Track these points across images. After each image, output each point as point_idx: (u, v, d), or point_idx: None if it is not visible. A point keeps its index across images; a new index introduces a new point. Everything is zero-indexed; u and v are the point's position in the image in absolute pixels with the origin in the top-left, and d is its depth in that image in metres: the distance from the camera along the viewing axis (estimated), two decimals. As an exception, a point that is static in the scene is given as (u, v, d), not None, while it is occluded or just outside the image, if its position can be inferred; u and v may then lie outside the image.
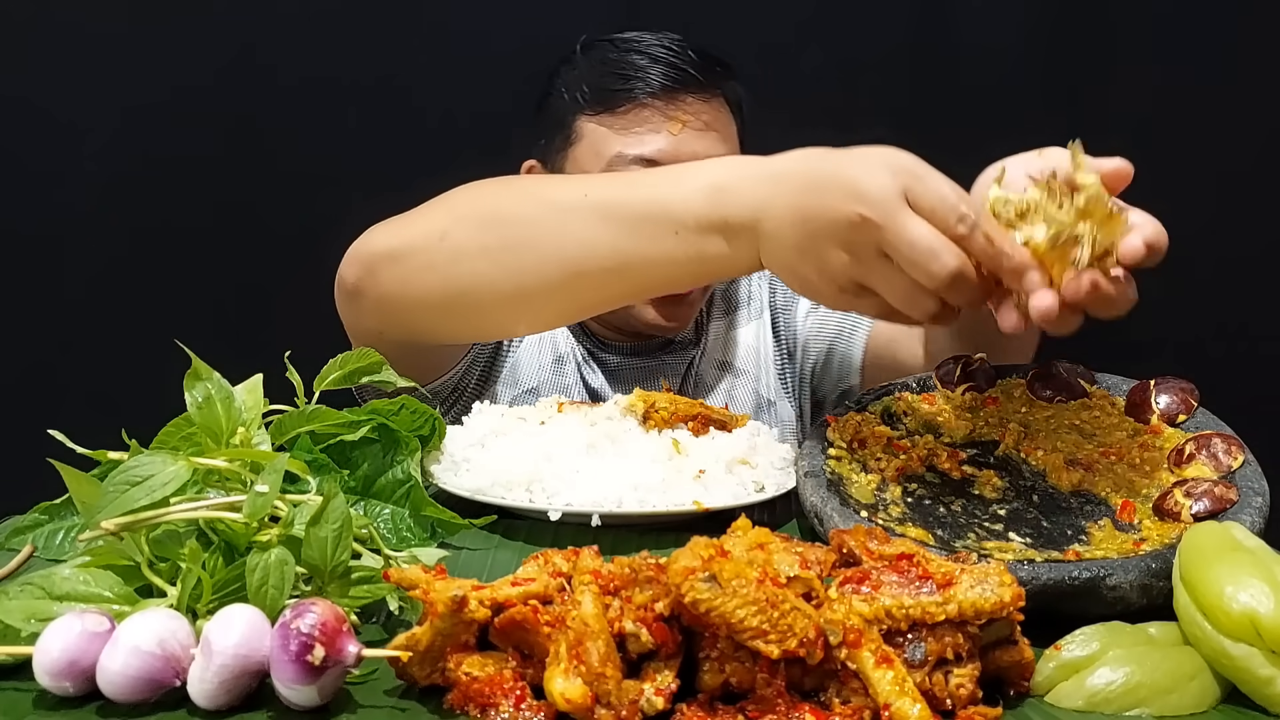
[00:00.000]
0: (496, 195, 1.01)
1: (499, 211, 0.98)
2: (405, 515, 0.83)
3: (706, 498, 0.87)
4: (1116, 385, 0.96)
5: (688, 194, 0.88)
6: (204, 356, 0.80)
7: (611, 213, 0.92)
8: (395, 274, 1.01)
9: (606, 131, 1.24)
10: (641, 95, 1.23)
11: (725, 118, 1.28)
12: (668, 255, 0.89)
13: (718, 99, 1.26)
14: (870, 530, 0.65)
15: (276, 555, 0.63)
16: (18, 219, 1.73)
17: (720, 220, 0.86)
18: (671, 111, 1.23)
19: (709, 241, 0.88)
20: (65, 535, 0.77)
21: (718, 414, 1.01)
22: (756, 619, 0.55)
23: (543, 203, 0.97)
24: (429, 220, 1.01)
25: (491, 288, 0.97)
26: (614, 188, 0.95)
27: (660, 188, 0.91)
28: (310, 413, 0.83)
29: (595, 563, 0.62)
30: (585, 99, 1.25)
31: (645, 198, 0.91)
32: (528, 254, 0.94)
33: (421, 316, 1.03)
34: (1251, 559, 0.62)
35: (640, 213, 0.91)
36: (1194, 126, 1.76)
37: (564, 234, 0.93)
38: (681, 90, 1.23)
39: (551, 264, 0.94)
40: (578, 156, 1.26)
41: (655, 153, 1.21)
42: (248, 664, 0.58)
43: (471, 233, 0.98)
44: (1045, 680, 0.62)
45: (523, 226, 0.96)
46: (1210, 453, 0.83)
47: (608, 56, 1.26)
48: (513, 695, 0.58)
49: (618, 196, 0.93)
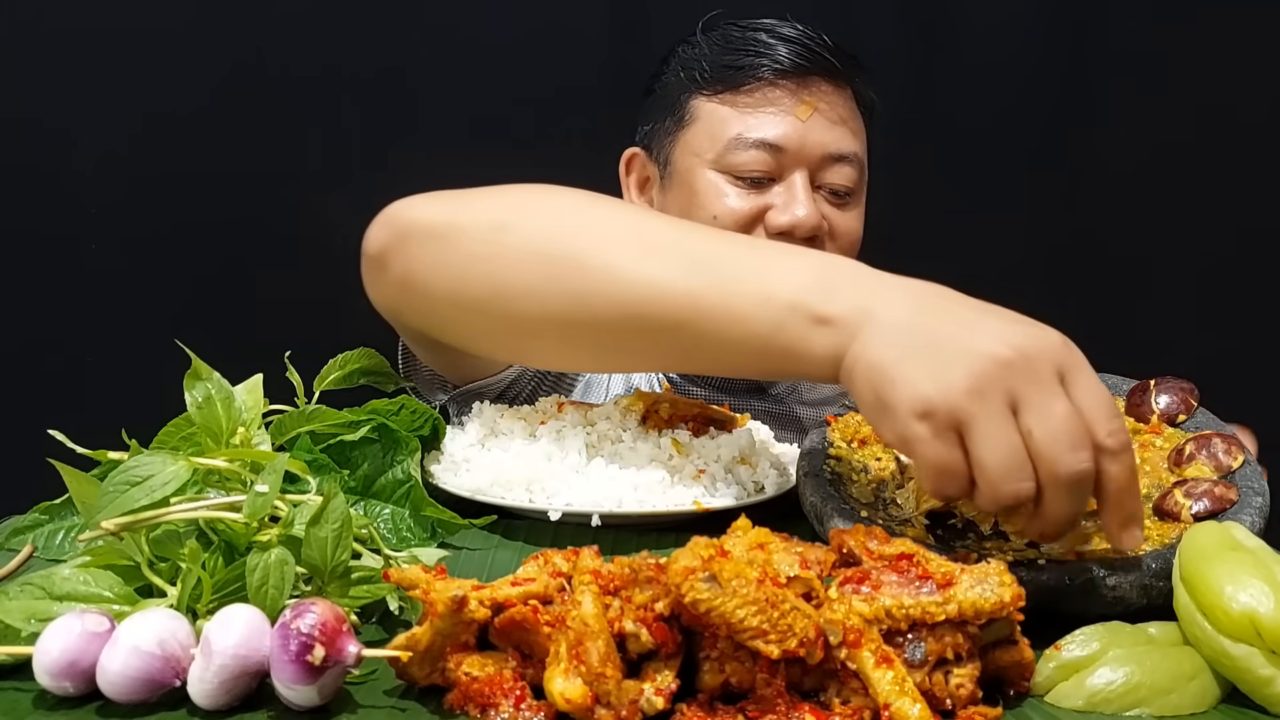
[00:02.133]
0: (575, 205, 0.87)
1: (575, 223, 0.85)
2: (405, 515, 0.83)
3: (706, 498, 0.87)
4: (1116, 385, 0.96)
5: (794, 265, 0.76)
6: (204, 356, 0.80)
7: (702, 259, 0.79)
8: (430, 252, 0.88)
9: (728, 111, 1.17)
10: (769, 74, 1.15)
11: (858, 116, 1.21)
12: (744, 323, 0.75)
13: (848, 93, 1.20)
14: (870, 530, 0.65)
15: (276, 555, 0.63)
16: (17, 219, 1.73)
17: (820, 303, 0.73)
18: (803, 94, 1.15)
19: (796, 319, 0.73)
20: (65, 535, 0.77)
21: (718, 414, 1.01)
22: (756, 619, 0.55)
23: (627, 226, 0.84)
24: (485, 208, 0.88)
25: (539, 304, 0.82)
26: (712, 236, 0.83)
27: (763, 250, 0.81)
28: (310, 413, 0.83)
29: (595, 563, 0.62)
30: (704, 77, 1.18)
31: (745, 251, 0.79)
32: (594, 279, 0.80)
33: (445, 309, 0.90)
34: (1251, 559, 0.62)
35: (734, 270, 0.77)
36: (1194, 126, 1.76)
37: (641, 269, 0.79)
38: (814, 73, 1.15)
39: (616, 297, 0.79)
40: (690, 140, 1.19)
41: (779, 137, 1.14)
42: (248, 664, 0.57)
43: (535, 235, 0.84)
44: (1045, 680, 0.62)
45: (598, 246, 0.82)
46: (1210, 453, 0.83)
47: (731, 35, 1.19)
48: (513, 695, 0.58)
49: (715, 246, 0.80)
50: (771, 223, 1.16)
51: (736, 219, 1.16)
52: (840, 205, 1.20)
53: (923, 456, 0.67)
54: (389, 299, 0.96)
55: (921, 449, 0.66)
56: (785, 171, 1.17)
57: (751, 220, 1.17)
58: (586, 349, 0.86)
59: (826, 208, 1.18)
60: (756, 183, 1.17)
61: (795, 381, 1.33)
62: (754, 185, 1.17)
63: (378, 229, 0.93)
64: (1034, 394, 0.65)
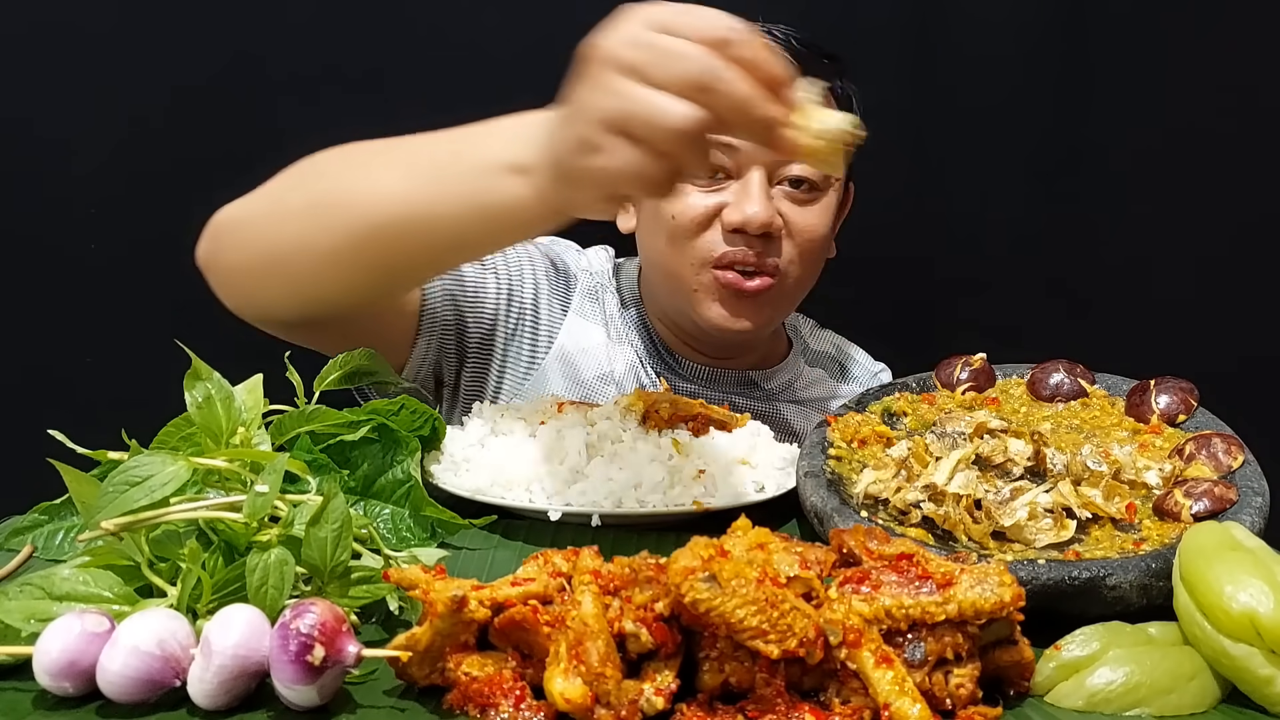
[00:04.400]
0: (325, 157, 0.97)
1: (320, 170, 0.96)
2: (405, 515, 0.83)
3: (706, 498, 0.87)
4: (1116, 385, 0.96)
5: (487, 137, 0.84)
6: (204, 356, 0.80)
7: (409, 160, 0.90)
8: (233, 242, 0.99)
9: None
10: None
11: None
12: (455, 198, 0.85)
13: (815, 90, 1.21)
14: (870, 530, 0.65)
15: (276, 555, 0.63)
16: (17, 219, 1.73)
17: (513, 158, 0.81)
18: None
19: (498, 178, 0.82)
20: (65, 535, 0.77)
21: (718, 414, 1.01)
22: (756, 619, 0.55)
23: (356, 158, 0.95)
24: (267, 187, 0.99)
25: (309, 248, 0.93)
26: (422, 139, 0.91)
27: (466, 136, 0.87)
28: (310, 413, 0.83)
29: (595, 563, 0.62)
30: None
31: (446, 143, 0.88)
32: (337, 209, 0.92)
33: (253, 284, 1.00)
34: (1251, 559, 0.62)
35: (435, 156, 0.88)
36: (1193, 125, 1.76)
37: (366, 185, 0.91)
38: None
39: (356, 218, 0.91)
40: None
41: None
42: (247, 664, 0.58)
43: (294, 192, 0.96)
44: (1045, 680, 0.62)
45: (334, 181, 0.94)
46: (1210, 453, 0.83)
47: None
48: (512, 695, 0.58)
49: (421, 145, 0.90)
50: (725, 220, 1.16)
51: (693, 217, 1.17)
52: (801, 201, 1.19)
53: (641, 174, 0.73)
54: (228, 299, 1.03)
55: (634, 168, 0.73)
56: (742, 168, 1.16)
57: (708, 218, 1.17)
58: (349, 274, 0.95)
59: (786, 204, 1.18)
60: (713, 180, 1.17)
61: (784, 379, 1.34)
62: (711, 183, 1.17)
63: (201, 243, 1.02)
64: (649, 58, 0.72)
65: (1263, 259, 1.79)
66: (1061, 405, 0.95)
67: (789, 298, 1.25)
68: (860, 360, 1.45)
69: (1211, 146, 1.76)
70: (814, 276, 1.25)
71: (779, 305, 1.24)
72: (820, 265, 1.25)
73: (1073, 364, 0.97)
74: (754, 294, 1.18)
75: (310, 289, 0.98)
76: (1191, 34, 1.75)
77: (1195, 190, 1.77)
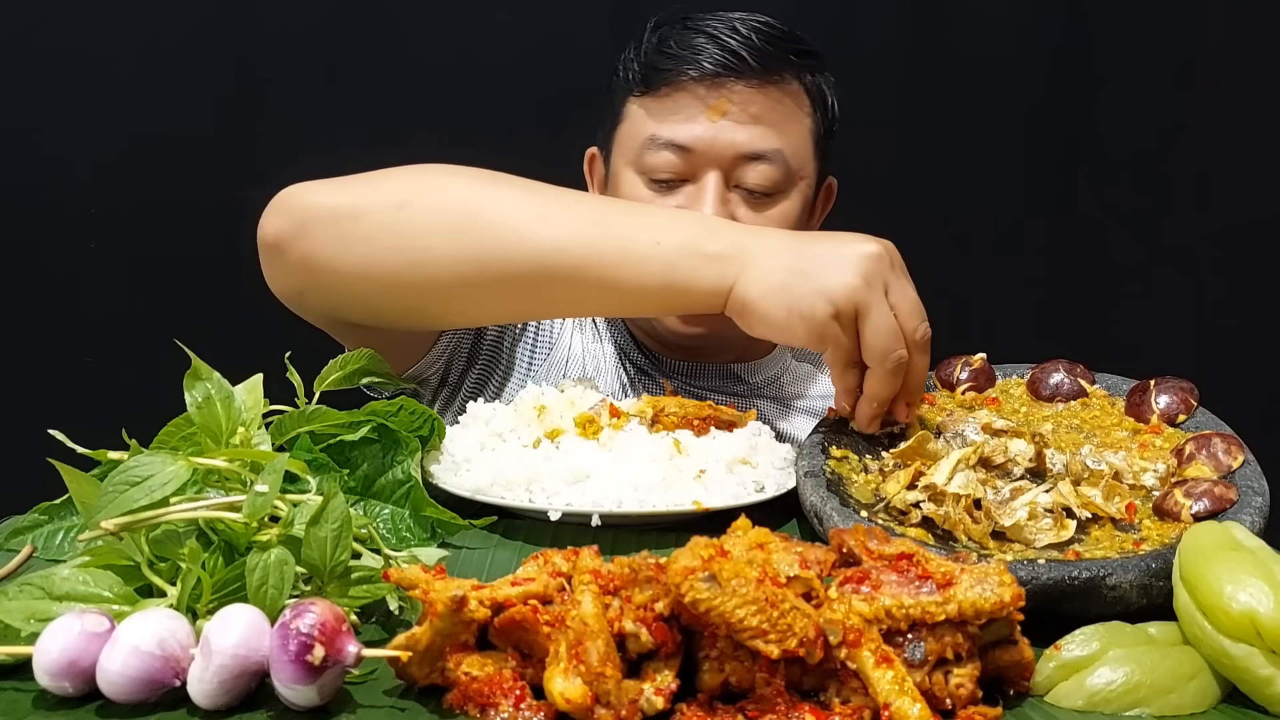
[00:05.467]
0: (470, 177, 0.97)
1: (472, 193, 0.96)
2: (405, 515, 0.83)
3: (706, 498, 0.87)
4: (1116, 385, 0.96)
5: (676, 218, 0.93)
6: (204, 356, 0.80)
7: (594, 215, 0.94)
8: (332, 234, 0.96)
9: (645, 113, 1.16)
10: (682, 78, 1.14)
11: (786, 111, 1.17)
12: (641, 263, 0.91)
13: (778, 89, 1.16)
14: (870, 530, 0.65)
15: (276, 555, 0.63)
16: (16, 219, 1.73)
17: (705, 243, 0.90)
18: (712, 98, 1.14)
19: (686, 258, 0.90)
20: (65, 535, 0.77)
21: (727, 414, 1.00)
22: (756, 619, 0.55)
23: (524, 194, 0.95)
24: (383, 187, 0.97)
25: (448, 268, 0.93)
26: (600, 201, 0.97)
27: (648, 209, 0.94)
28: (310, 413, 0.83)
29: (595, 563, 0.62)
30: (634, 78, 1.19)
31: (634, 210, 0.93)
32: (499, 240, 0.93)
33: (354, 287, 0.97)
34: (1251, 559, 0.62)
35: (626, 221, 0.93)
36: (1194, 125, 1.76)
37: (541, 226, 0.93)
38: (729, 76, 1.13)
39: (522, 255, 0.92)
40: (619, 141, 1.20)
41: (690, 139, 1.13)
42: (247, 664, 0.58)
43: (437, 207, 0.95)
44: (1045, 680, 0.62)
45: (497, 211, 0.94)
46: (1210, 453, 0.83)
47: (667, 35, 1.19)
48: (512, 695, 0.58)
49: (604, 203, 0.95)
50: None
51: None
52: (759, 206, 1.16)
53: (837, 344, 0.87)
54: (290, 283, 1.01)
55: (835, 338, 0.87)
56: (698, 173, 1.14)
57: None
58: (499, 303, 0.98)
59: (743, 210, 1.16)
60: (670, 185, 1.15)
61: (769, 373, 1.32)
62: (668, 187, 1.15)
63: (273, 216, 0.99)
64: (895, 279, 0.88)
65: (1263, 259, 1.79)
66: (1061, 405, 0.95)
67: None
68: None
69: (1212, 146, 1.76)
70: None
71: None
72: None
73: (1073, 364, 0.97)
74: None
75: (430, 306, 0.99)
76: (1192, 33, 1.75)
77: (1196, 190, 1.77)
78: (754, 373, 1.31)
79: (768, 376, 1.32)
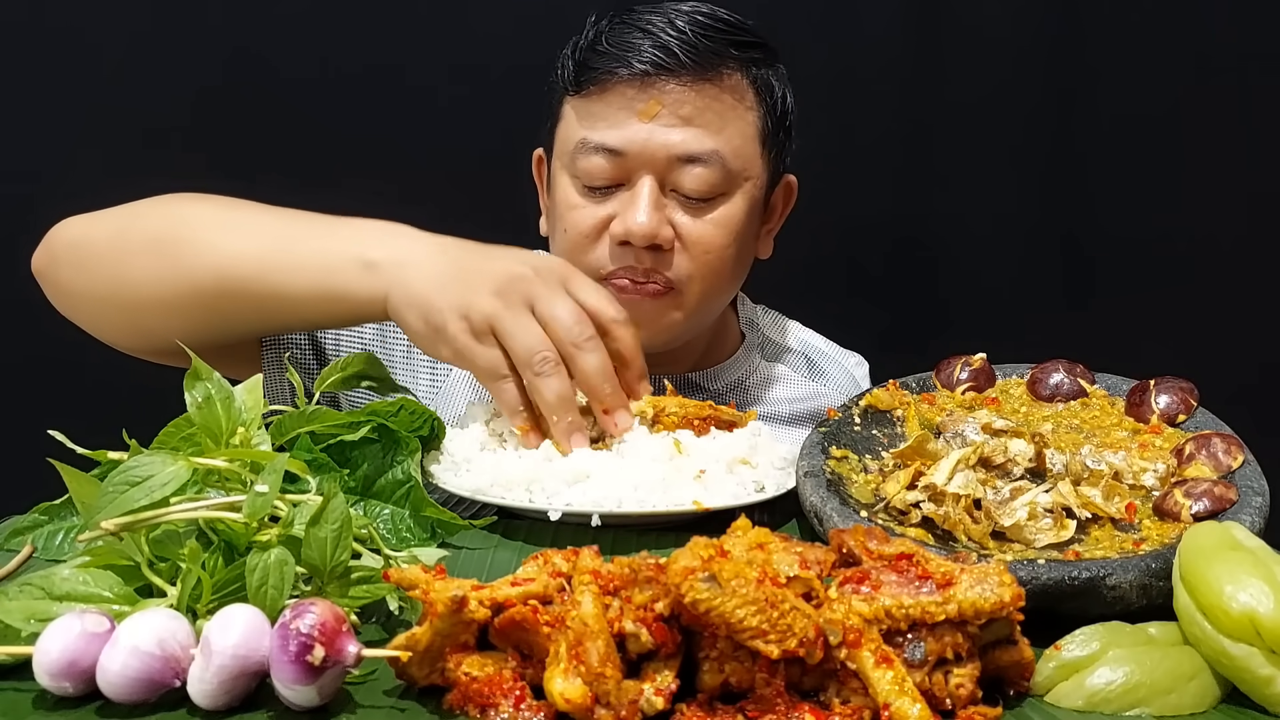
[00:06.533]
0: (194, 201, 1.03)
1: (179, 215, 1.01)
2: (405, 515, 0.83)
3: (706, 498, 0.87)
4: (1116, 385, 0.96)
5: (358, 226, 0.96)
6: (204, 356, 0.80)
7: (273, 227, 0.98)
8: (73, 261, 1.03)
9: (577, 114, 1.11)
10: (612, 78, 1.08)
11: (724, 109, 1.09)
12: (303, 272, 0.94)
13: (715, 86, 1.08)
14: (870, 530, 0.65)
15: (276, 555, 0.63)
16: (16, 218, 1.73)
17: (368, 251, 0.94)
18: (642, 99, 1.07)
19: (346, 266, 0.93)
20: (65, 535, 0.77)
21: (727, 414, 1.00)
22: (756, 619, 0.55)
23: (221, 212, 1.01)
24: (115, 215, 1.03)
25: (150, 287, 0.99)
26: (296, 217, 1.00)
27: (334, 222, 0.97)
28: (310, 413, 0.83)
29: (595, 563, 0.62)
30: (568, 78, 1.12)
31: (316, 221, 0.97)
32: (187, 255, 0.97)
33: (88, 309, 1.05)
34: (1251, 559, 0.62)
35: (298, 231, 0.98)
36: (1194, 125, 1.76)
37: (223, 239, 0.98)
38: (661, 75, 1.07)
39: (204, 267, 0.97)
40: (556, 143, 1.15)
41: (621, 142, 1.07)
42: (247, 664, 0.57)
43: (145, 230, 1.01)
44: (1045, 680, 0.62)
45: (191, 229, 0.99)
46: (1210, 453, 0.83)
47: (604, 31, 1.12)
48: (512, 695, 0.58)
49: (293, 216, 0.99)
50: (611, 232, 1.09)
51: (582, 230, 1.10)
52: (698, 211, 1.10)
53: (474, 363, 0.90)
54: (64, 312, 1.08)
55: (471, 355, 0.89)
56: (632, 177, 1.09)
57: (598, 230, 1.10)
58: (189, 318, 1.00)
59: (680, 215, 1.10)
60: (604, 190, 1.10)
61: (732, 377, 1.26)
62: (601, 193, 1.10)
63: (38, 251, 1.07)
64: (546, 294, 0.89)
65: (1263, 258, 1.79)
66: (1061, 405, 0.95)
67: (697, 311, 1.15)
68: (830, 353, 1.33)
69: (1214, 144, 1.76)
70: (726, 286, 1.17)
71: (689, 317, 1.14)
72: (730, 274, 1.15)
73: (1073, 364, 0.97)
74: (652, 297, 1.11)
75: (141, 324, 1.03)
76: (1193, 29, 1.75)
77: (1196, 190, 1.77)
78: (714, 379, 1.25)
79: (729, 382, 1.26)
